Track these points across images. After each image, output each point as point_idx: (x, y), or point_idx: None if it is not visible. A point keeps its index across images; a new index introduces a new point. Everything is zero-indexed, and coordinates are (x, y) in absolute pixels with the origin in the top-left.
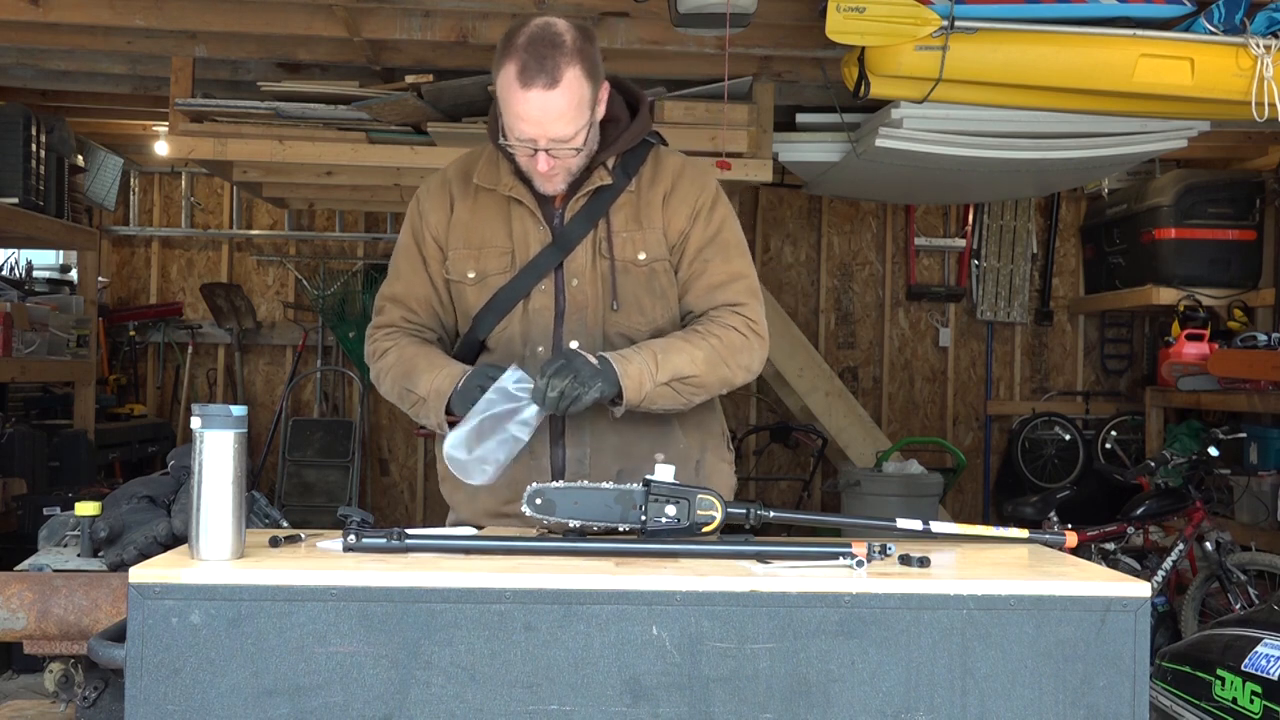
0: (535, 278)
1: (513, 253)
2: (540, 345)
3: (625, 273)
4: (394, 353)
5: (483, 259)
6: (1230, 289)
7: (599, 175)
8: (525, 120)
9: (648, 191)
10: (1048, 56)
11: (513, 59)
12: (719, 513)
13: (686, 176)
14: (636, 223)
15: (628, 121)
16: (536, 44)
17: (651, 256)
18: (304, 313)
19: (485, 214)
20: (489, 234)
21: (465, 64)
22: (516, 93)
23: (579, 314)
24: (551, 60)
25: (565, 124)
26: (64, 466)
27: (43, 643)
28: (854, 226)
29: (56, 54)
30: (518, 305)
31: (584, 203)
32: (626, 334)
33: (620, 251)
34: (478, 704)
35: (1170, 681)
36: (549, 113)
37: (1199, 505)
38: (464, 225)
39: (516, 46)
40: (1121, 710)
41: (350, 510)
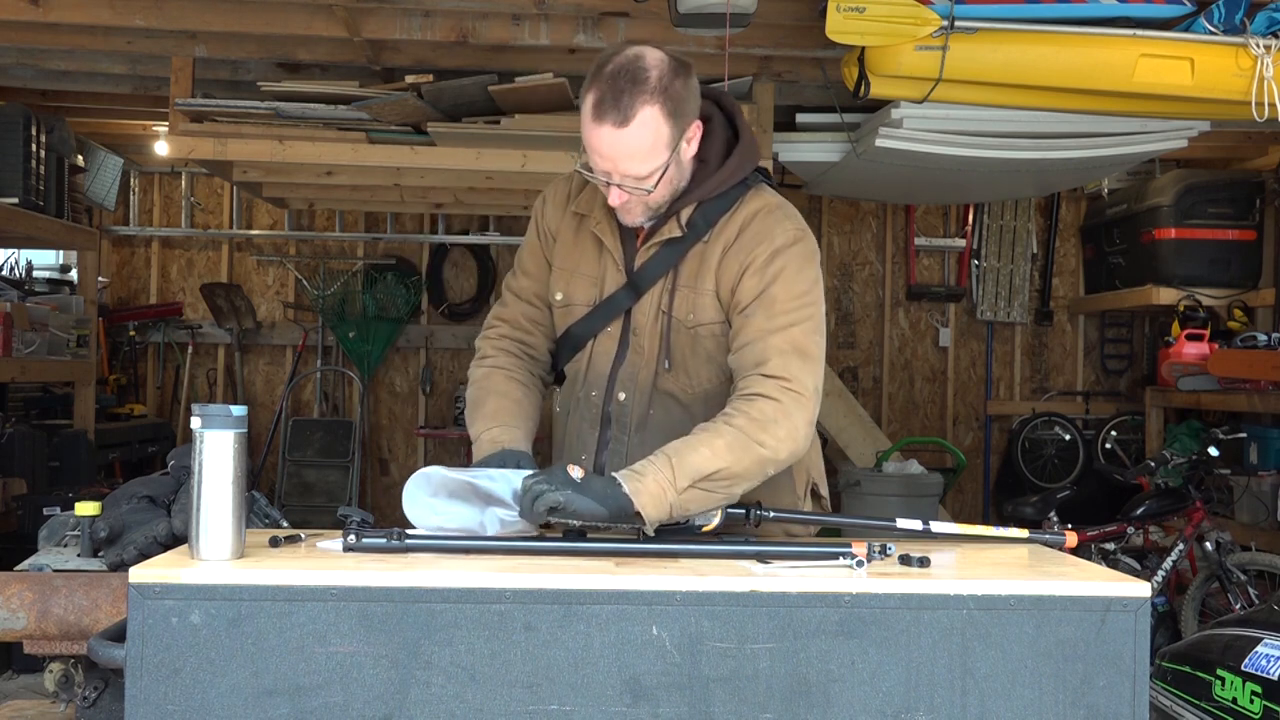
0: (606, 319)
1: (599, 286)
2: (594, 390)
3: (677, 332)
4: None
5: (572, 284)
6: (1230, 289)
7: (670, 226)
8: (598, 154)
9: (714, 245)
10: (1048, 56)
11: (594, 88)
12: (718, 514)
13: (751, 229)
14: (697, 279)
15: (716, 165)
16: (618, 77)
17: (698, 320)
18: (304, 313)
19: (582, 239)
20: (582, 261)
21: (465, 64)
22: (590, 125)
23: (633, 366)
24: (628, 97)
25: (636, 163)
26: (64, 466)
27: (43, 643)
28: (854, 226)
29: (56, 54)
30: (588, 343)
31: (655, 251)
32: (674, 394)
33: (677, 309)
34: (478, 704)
35: (1170, 681)
36: (618, 150)
37: (1199, 505)
38: (566, 244)
39: (601, 76)
40: (1121, 710)
41: (350, 510)
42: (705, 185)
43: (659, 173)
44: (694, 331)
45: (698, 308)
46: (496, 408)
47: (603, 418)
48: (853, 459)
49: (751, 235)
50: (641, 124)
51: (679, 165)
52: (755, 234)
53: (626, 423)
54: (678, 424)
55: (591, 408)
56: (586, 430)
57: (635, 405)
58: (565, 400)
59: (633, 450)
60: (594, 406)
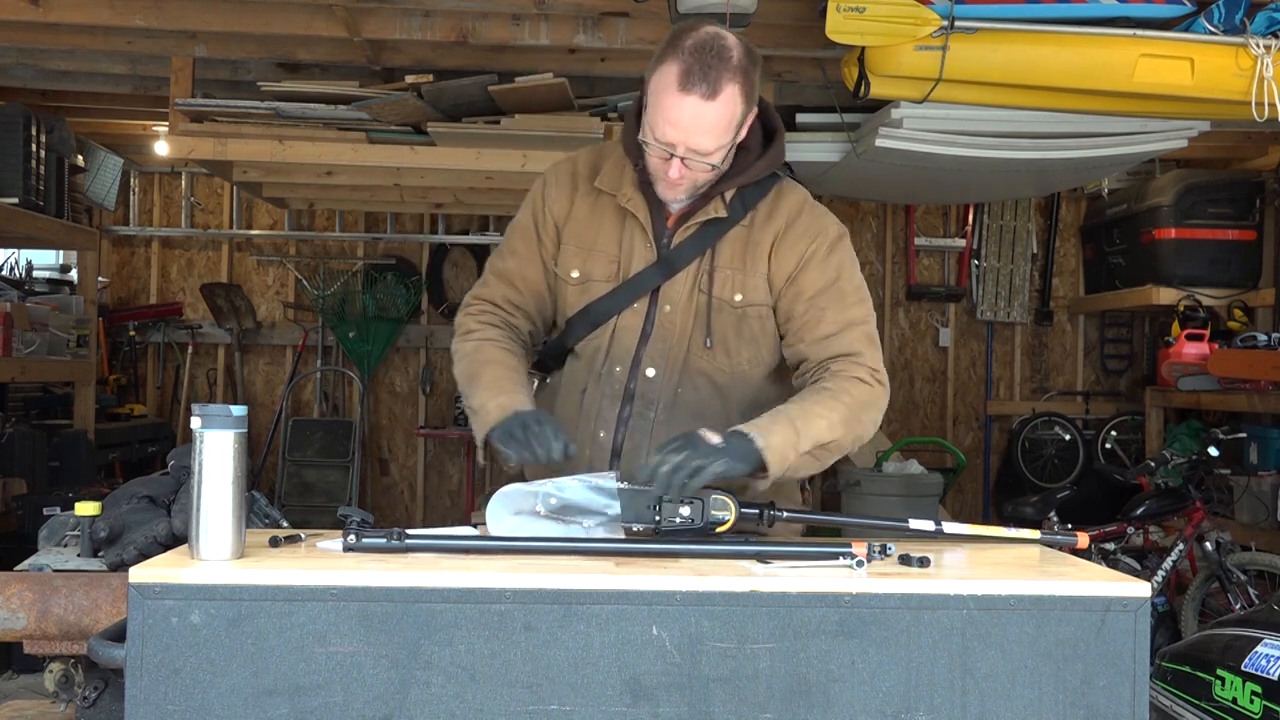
0: (633, 296)
1: (619, 263)
2: (619, 365)
3: (719, 311)
4: (473, 343)
5: (590, 262)
6: (1230, 289)
7: (715, 206)
8: (673, 125)
9: (760, 231)
10: (1048, 56)
11: (676, 60)
12: (732, 513)
13: (802, 219)
14: (741, 262)
15: (758, 152)
16: (704, 51)
17: (747, 300)
18: (304, 313)
19: (601, 217)
20: (601, 238)
21: (465, 64)
22: (673, 95)
23: (664, 342)
24: (716, 71)
25: (711, 138)
26: (64, 466)
27: (43, 643)
28: (854, 226)
29: (56, 54)
30: (611, 319)
31: (694, 231)
32: (708, 373)
33: (719, 289)
34: (478, 704)
35: (1170, 681)
36: (700, 122)
37: (1199, 505)
38: (580, 222)
39: (683, 49)
40: (1121, 710)
41: (350, 510)
42: (748, 171)
43: (724, 151)
44: (742, 311)
45: (748, 288)
46: (496, 376)
47: (625, 394)
48: (853, 459)
49: (804, 226)
50: (725, 100)
51: (734, 148)
52: (808, 225)
53: (654, 399)
54: (707, 402)
55: (615, 383)
56: (607, 406)
57: (665, 382)
58: (575, 377)
59: (658, 428)
60: (617, 382)
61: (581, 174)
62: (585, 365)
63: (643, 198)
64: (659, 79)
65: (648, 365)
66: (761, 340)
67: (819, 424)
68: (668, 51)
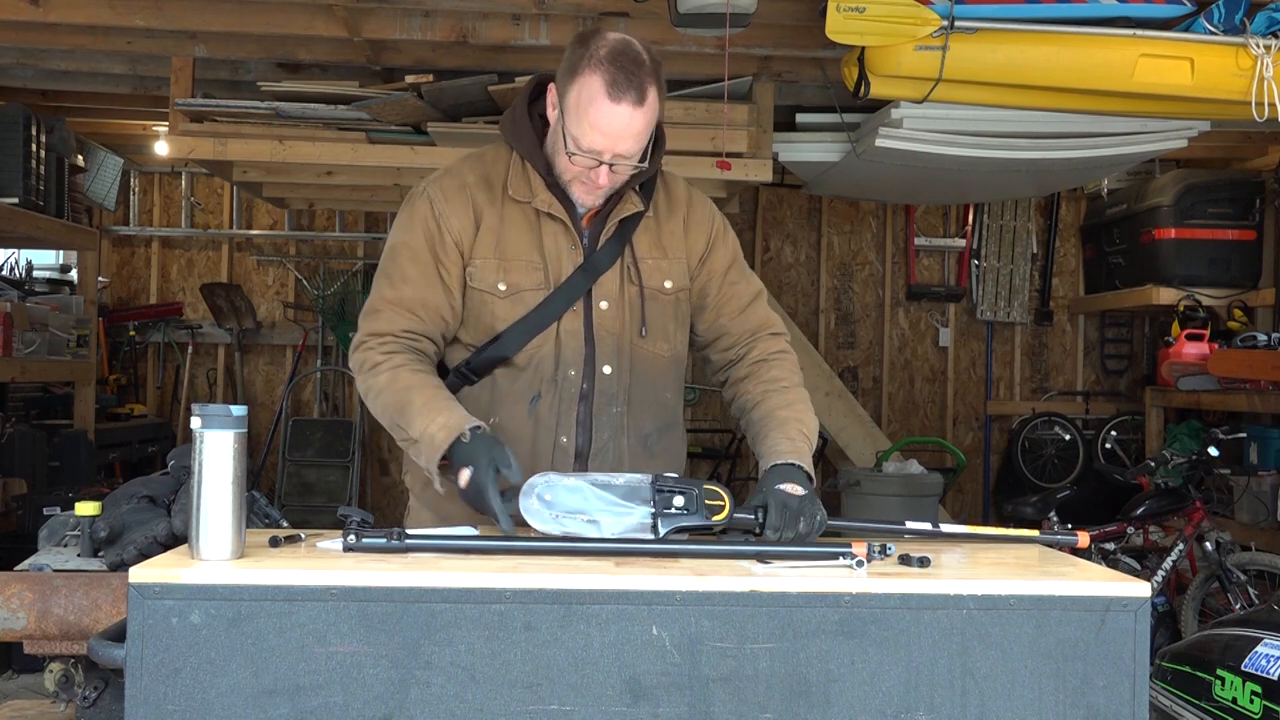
0: (569, 300)
1: (545, 269)
2: (572, 369)
3: (654, 300)
4: (386, 374)
5: (514, 272)
6: (1230, 289)
7: (630, 201)
8: (603, 133)
9: (666, 220)
10: (1048, 56)
11: (596, 70)
12: (727, 502)
13: (695, 203)
14: (661, 250)
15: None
16: (622, 59)
17: (676, 286)
18: (304, 313)
19: (515, 225)
20: (520, 248)
21: (465, 64)
22: (603, 105)
23: (610, 339)
24: (638, 78)
25: (639, 142)
26: (64, 466)
27: (43, 643)
28: (854, 226)
29: (56, 54)
30: (553, 325)
31: (616, 227)
32: (652, 360)
33: (649, 279)
34: (478, 704)
35: (1170, 681)
36: (631, 129)
37: (1199, 505)
38: (493, 233)
39: (600, 59)
40: (1121, 710)
41: (350, 510)
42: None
43: (645, 149)
44: (674, 297)
45: (673, 274)
46: (426, 399)
47: (580, 395)
48: (853, 459)
49: (699, 208)
50: (650, 104)
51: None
52: (700, 206)
53: (614, 394)
54: (656, 389)
55: (570, 387)
56: (565, 410)
57: (621, 376)
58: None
59: (625, 421)
60: (573, 385)
61: (473, 185)
62: (533, 373)
63: (559, 201)
64: (583, 90)
65: (603, 363)
66: (686, 321)
67: (810, 419)
68: (583, 61)
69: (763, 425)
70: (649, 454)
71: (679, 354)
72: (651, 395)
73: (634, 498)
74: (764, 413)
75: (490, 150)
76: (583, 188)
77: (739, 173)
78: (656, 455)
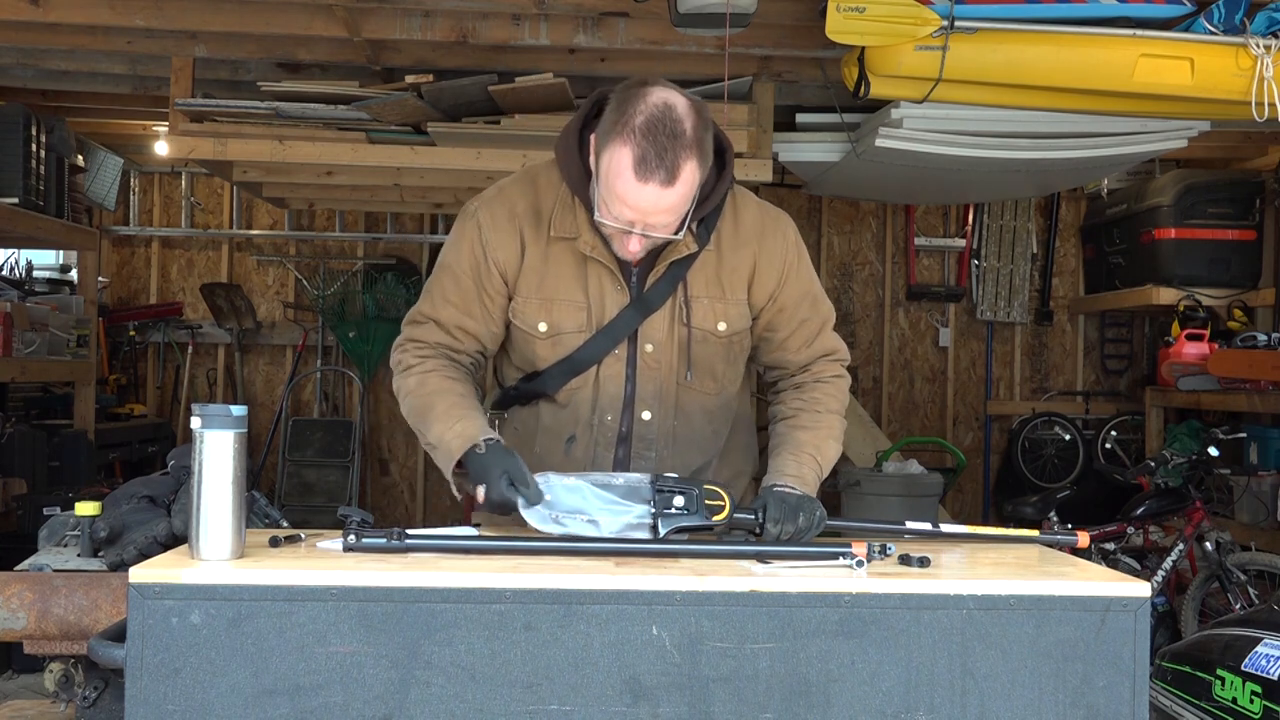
0: (613, 342)
1: (589, 309)
2: (609, 414)
3: (704, 342)
4: (415, 378)
5: (555, 313)
6: (1230, 289)
7: (685, 244)
8: (631, 209)
9: (730, 255)
10: (1048, 56)
11: (627, 142)
12: (727, 502)
13: (769, 232)
14: (719, 288)
15: (713, 180)
16: (656, 132)
17: (731, 329)
18: (304, 313)
19: (559, 263)
20: (563, 287)
21: (465, 64)
22: (629, 182)
23: (653, 382)
24: (672, 154)
25: (671, 216)
26: (64, 466)
27: (43, 643)
28: (854, 226)
29: (56, 54)
30: (593, 368)
31: (667, 268)
32: (697, 402)
33: (700, 320)
34: (478, 704)
35: (1170, 681)
36: (658, 206)
37: (1199, 505)
38: (536, 272)
39: (634, 129)
40: (1121, 710)
41: (350, 510)
42: (710, 198)
43: (684, 220)
44: (728, 340)
45: (730, 317)
46: (447, 405)
47: (618, 438)
48: (853, 459)
49: (773, 241)
50: (684, 180)
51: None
52: (774, 238)
53: (652, 439)
54: (700, 429)
55: (607, 431)
56: (601, 453)
57: (662, 421)
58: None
59: (662, 465)
60: (609, 430)
61: (522, 215)
62: (570, 414)
63: (602, 241)
64: (613, 162)
65: (642, 409)
66: (740, 358)
67: (830, 450)
68: (617, 129)
69: (781, 440)
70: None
71: (727, 394)
72: (694, 439)
73: (634, 497)
74: (788, 428)
75: (544, 173)
76: (621, 245)
77: (739, 173)
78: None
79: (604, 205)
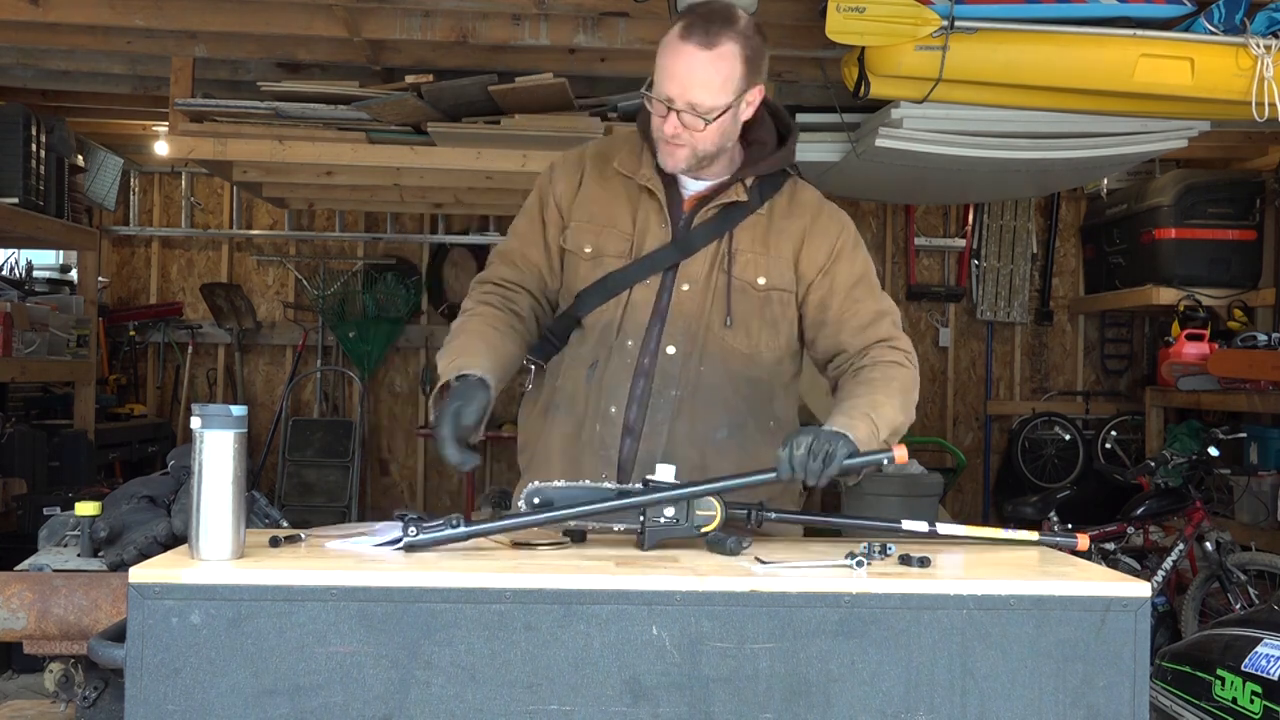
0: (647, 271)
1: (632, 241)
2: (630, 339)
3: (742, 293)
4: (462, 319)
5: (602, 237)
6: (1230, 289)
7: (736, 190)
8: (670, 75)
9: (781, 220)
10: (1048, 56)
11: (683, 19)
12: (718, 513)
13: (826, 214)
14: (764, 246)
15: (774, 147)
16: (711, 13)
17: (771, 284)
18: (304, 313)
19: (615, 196)
20: (614, 215)
21: (465, 64)
22: (673, 44)
23: (683, 320)
24: (716, 26)
25: (706, 92)
26: (64, 466)
27: (43, 643)
28: None
29: (56, 54)
30: (624, 292)
31: (714, 213)
32: (726, 355)
33: (741, 271)
34: (478, 704)
35: (1170, 681)
36: (694, 73)
37: (1199, 505)
38: (591, 200)
39: (693, 10)
40: (1121, 710)
41: (406, 511)
42: (767, 160)
43: (719, 112)
44: (766, 295)
45: (772, 273)
46: (462, 343)
47: (638, 369)
48: None
49: (828, 220)
50: (721, 55)
51: (734, 119)
52: (830, 219)
53: (674, 377)
54: (726, 385)
55: (627, 357)
56: (619, 380)
57: (686, 362)
58: (582, 351)
59: (681, 408)
60: (629, 356)
61: (590, 158)
62: (595, 339)
63: (660, 179)
64: (665, 39)
65: (667, 343)
66: (780, 325)
67: (887, 412)
68: (678, 15)
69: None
70: (718, 452)
71: (759, 355)
72: (718, 391)
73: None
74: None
75: (624, 133)
76: (665, 148)
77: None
78: (730, 453)
79: (655, 84)
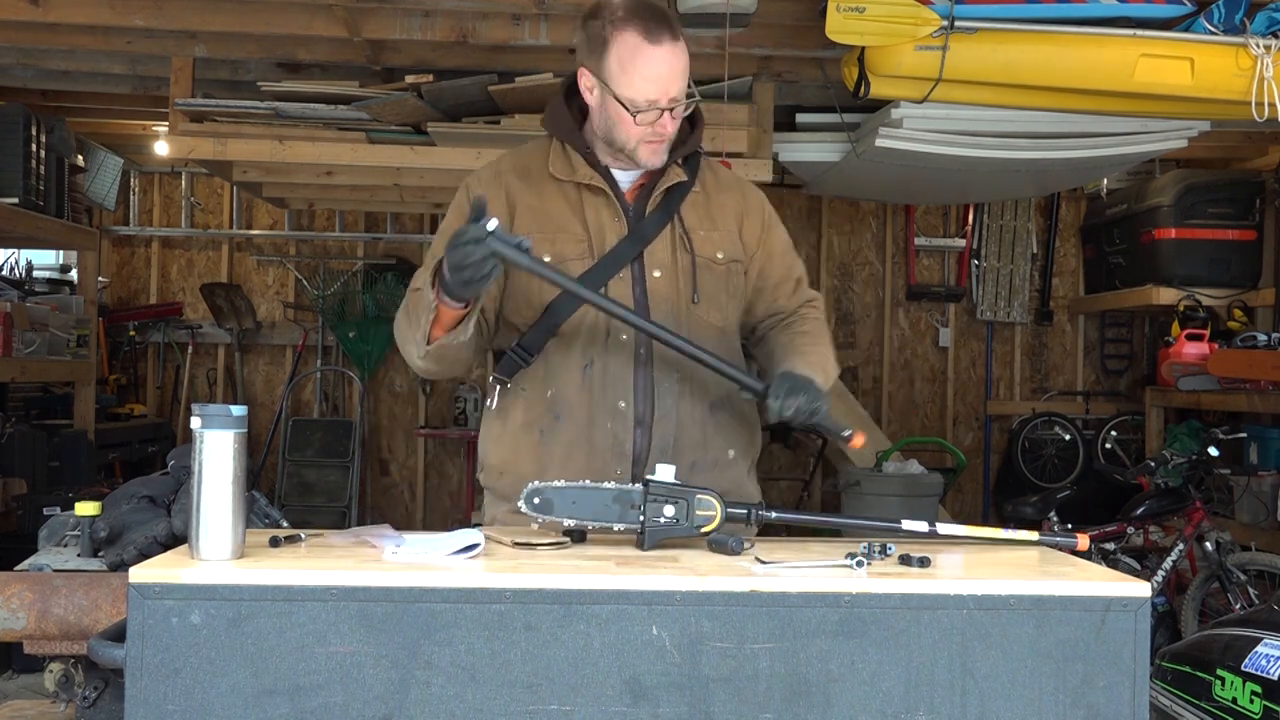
0: (615, 267)
1: (589, 240)
2: (624, 334)
3: (707, 269)
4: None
5: (558, 244)
6: (1230, 289)
7: (674, 172)
8: (653, 79)
9: (716, 194)
10: (1048, 56)
11: (629, 24)
12: (718, 513)
13: (748, 186)
14: (710, 222)
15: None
16: (642, 9)
17: (728, 256)
18: (304, 313)
19: (555, 202)
20: (561, 220)
21: (465, 64)
22: (646, 50)
23: (664, 305)
24: (667, 18)
25: (685, 79)
26: (64, 466)
27: (43, 643)
28: (854, 226)
29: (56, 54)
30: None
31: (661, 198)
32: (705, 331)
33: (700, 248)
34: (478, 704)
35: (1170, 681)
36: (676, 65)
37: (1199, 505)
38: (534, 212)
39: (621, 18)
40: (1121, 710)
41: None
42: (691, 139)
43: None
44: (727, 268)
45: (724, 245)
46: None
47: (636, 359)
48: (852, 459)
49: (752, 191)
50: (682, 41)
51: None
52: (753, 191)
53: (673, 360)
54: None
55: (624, 349)
56: (622, 373)
57: None
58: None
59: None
60: (626, 348)
61: (510, 172)
62: (584, 341)
63: (600, 175)
64: (623, 47)
65: None
66: (738, 295)
67: (831, 362)
68: (608, 29)
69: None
70: (715, 423)
71: (729, 326)
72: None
73: (623, 502)
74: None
75: (529, 144)
76: (649, 148)
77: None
78: (723, 425)
79: (630, 101)
